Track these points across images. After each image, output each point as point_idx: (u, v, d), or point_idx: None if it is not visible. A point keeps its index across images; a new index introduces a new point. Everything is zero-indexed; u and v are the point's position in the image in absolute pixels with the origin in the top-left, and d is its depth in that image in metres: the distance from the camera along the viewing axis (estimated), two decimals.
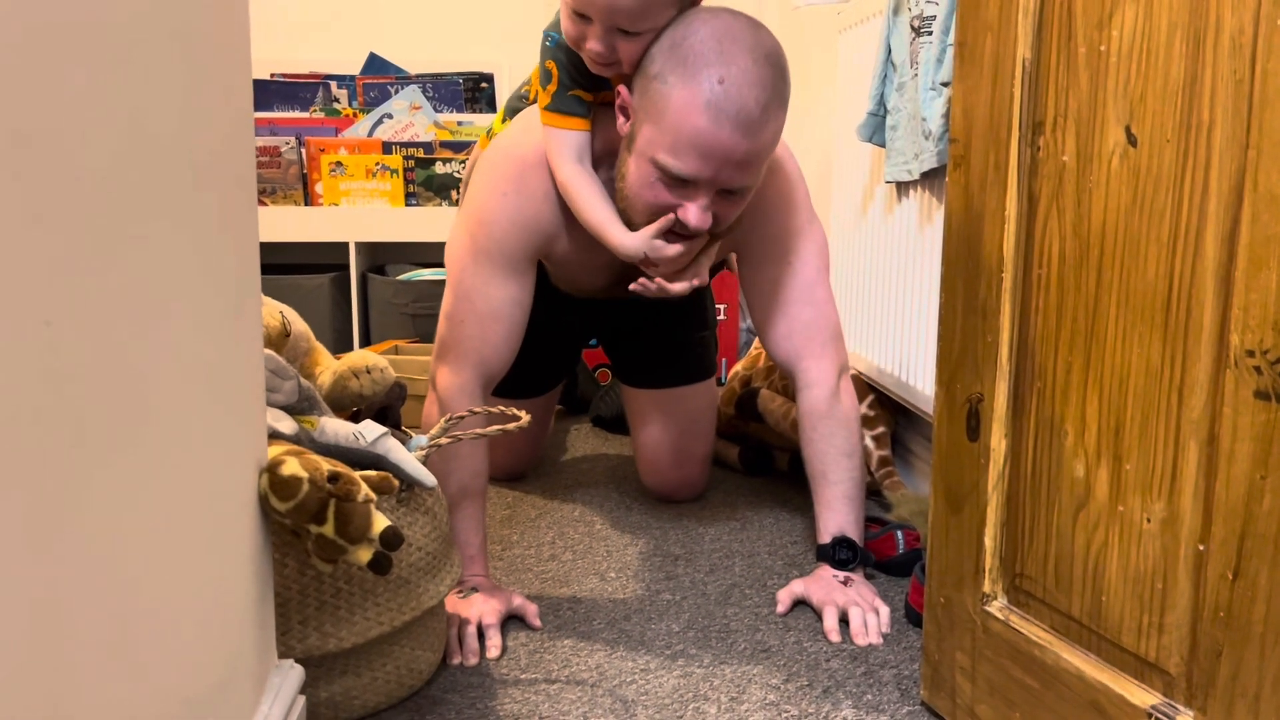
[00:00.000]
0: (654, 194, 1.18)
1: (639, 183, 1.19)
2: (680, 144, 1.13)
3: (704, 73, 1.12)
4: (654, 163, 1.16)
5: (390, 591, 1.00)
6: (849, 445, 1.35)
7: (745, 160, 1.15)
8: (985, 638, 0.94)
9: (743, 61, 1.12)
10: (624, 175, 1.22)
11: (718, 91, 1.11)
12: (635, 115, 1.19)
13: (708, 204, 1.18)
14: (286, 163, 2.57)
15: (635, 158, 1.19)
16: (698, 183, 1.16)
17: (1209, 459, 0.70)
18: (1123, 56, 0.75)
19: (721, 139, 1.12)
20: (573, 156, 1.26)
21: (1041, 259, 0.85)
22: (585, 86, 1.25)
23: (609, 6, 1.14)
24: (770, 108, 1.14)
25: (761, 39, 1.16)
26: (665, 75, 1.14)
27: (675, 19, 1.18)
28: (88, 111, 0.51)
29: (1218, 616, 0.70)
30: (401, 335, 2.48)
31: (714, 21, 1.15)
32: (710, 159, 1.14)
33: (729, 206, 1.21)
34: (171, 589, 0.63)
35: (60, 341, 0.48)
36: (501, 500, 1.71)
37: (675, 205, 1.18)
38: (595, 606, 1.29)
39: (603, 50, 1.18)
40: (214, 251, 0.70)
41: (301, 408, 1.03)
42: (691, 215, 1.17)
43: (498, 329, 1.31)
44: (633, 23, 1.15)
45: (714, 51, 1.12)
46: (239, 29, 0.75)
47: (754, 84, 1.12)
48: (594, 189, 1.25)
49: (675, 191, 1.17)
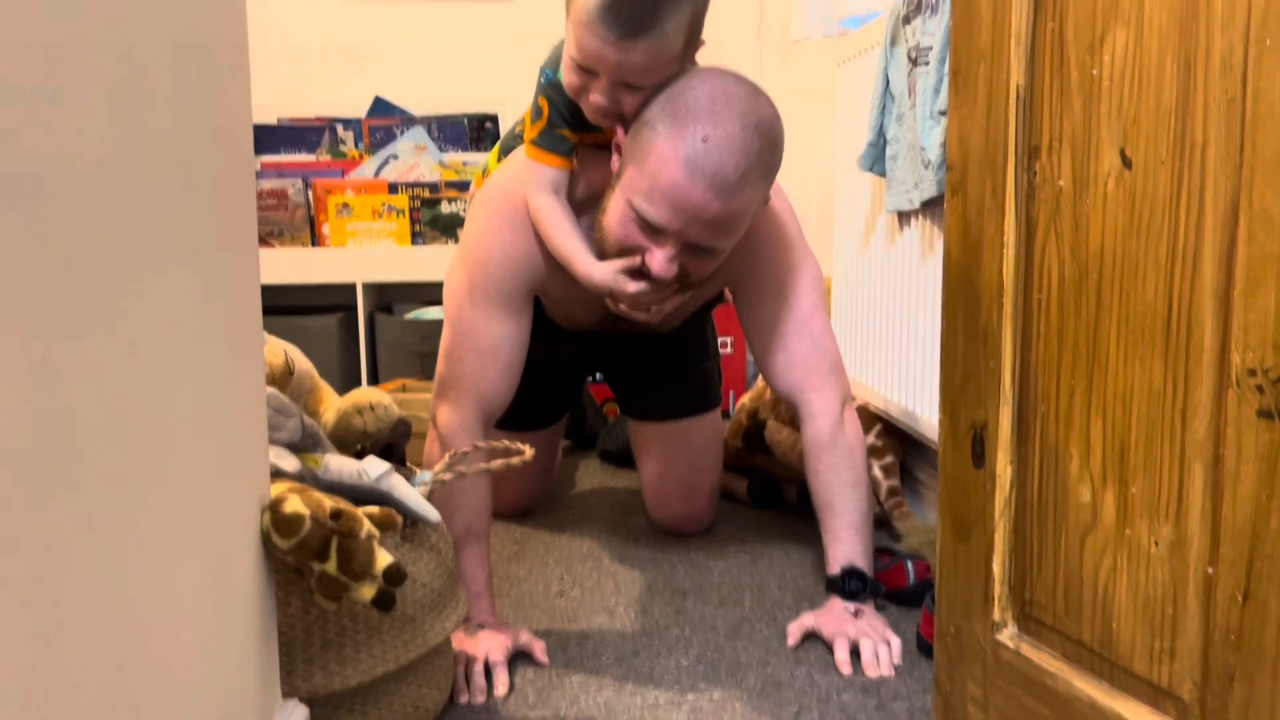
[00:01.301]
0: (625, 232, 1.20)
1: (614, 219, 1.21)
2: (655, 192, 1.15)
3: (691, 128, 1.13)
4: (630, 203, 1.18)
5: (395, 629, 0.99)
6: (854, 475, 1.34)
7: (716, 221, 1.16)
8: (996, 667, 0.93)
9: (731, 125, 1.13)
10: (604, 209, 1.24)
11: (699, 149, 1.13)
12: (624, 155, 1.21)
13: (674, 255, 1.19)
14: (294, 205, 2.59)
15: (616, 195, 1.21)
16: (666, 232, 1.17)
17: (1215, 480, 0.70)
18: (1115, 80, 0.75)
19: (694, 196, 1.14)
20: (548, 189, 1.28)
21: (1041, 283, 0.85)
22: (572, 127, 1.27)
23: (618, 65, 1.15)
24: (749, 175, 1.15)
25: (758, 107, 1.16)
26: (656, 123, 1.16)
27: (681, 74, 1.19)
28: (89, 152, 0.52)
29: (1229, 640, 0.69)
30: (409, 374, 2.49)
31: (715, 81, 1.17)
32: (680, 213, 1.15)
33: (698, 262, 1.22)
34: (174, 628, 0.62)
35: (60, 380, 0.48)
36: (509, 536, 1.71)
37: (644, 248, 1.19)
38: (603, 642, 1.28)
39: (606, 104, 1.19)
40: (215, 290, 0.71)
41: (305, 445, 1.03)
42: (655, 262, 1.19)
43: (496, 365, 1.32)
44: (640, 79, 1.17)
45: (705, 109, 1.14)
46: (239, 73, 0.76)
47: (737, 149, 1.13)
48: (564, 219, 1.27)
49: (646, 235, 1.19)
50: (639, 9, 1.11)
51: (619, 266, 1.22)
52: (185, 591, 0.65)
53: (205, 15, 0.69)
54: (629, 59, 1.14)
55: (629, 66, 1.15)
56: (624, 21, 1.11)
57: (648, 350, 1.64)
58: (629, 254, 1.21)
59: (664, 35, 1.13)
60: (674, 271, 1.20)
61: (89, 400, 0.52)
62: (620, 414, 2.21)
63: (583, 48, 1.16)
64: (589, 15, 1.12)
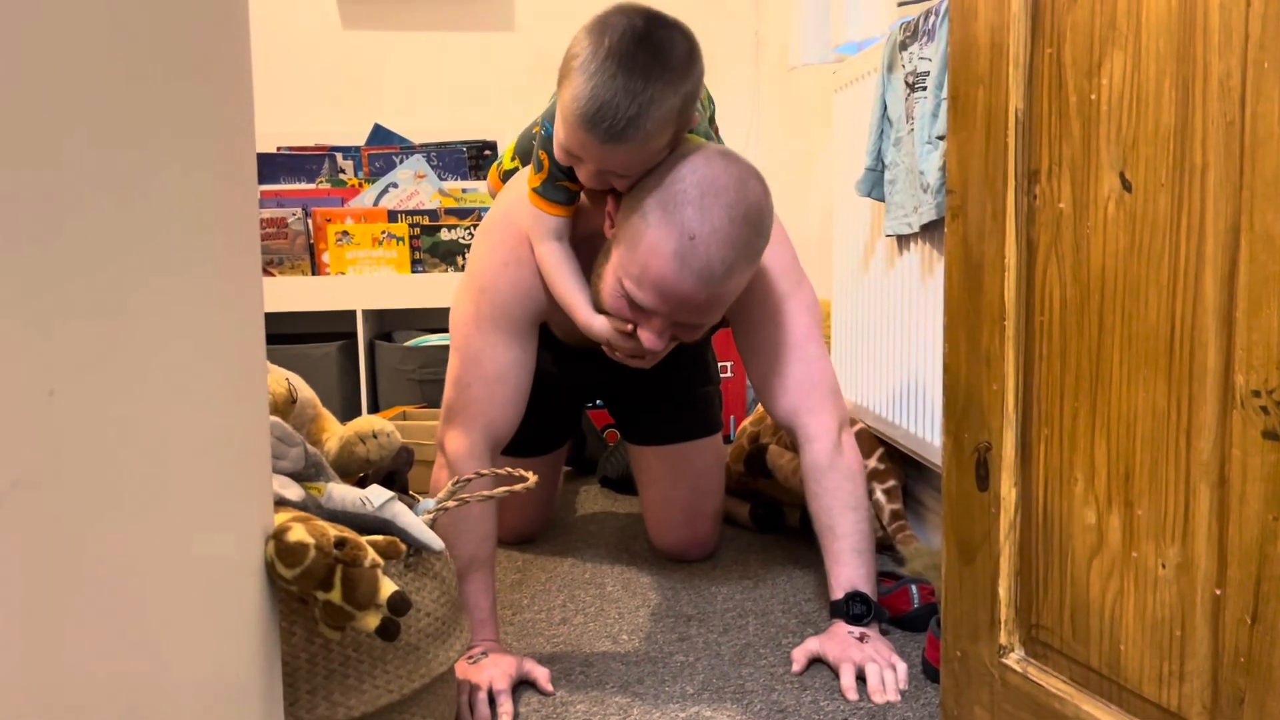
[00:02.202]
0: (617, 307, 1.23)
1: (607, 291, 1.24)
2: (645, 280, 1.17)
3: (680, 224, 1.15)
4: (620, 283, 1.21)
5: (399, 658, 0.98)
6: (854, 498, 1.34)
7: (703, 306, 1.20)
8: (1004, 691, 0.92)
9: (718, 220, 1.15)
10: (600, 275, 1.26)
11: (686, 246, 1.14)
12: (617, 229, 1.23)
13: (664, 330, 1.22)
14: (293, 233, 2.60)
15: (609, 269, 1.24)
16: (655, 313, 1.20)
17: (1221, 501, 0.70)
18: (1114, 104, 0.76)
19: (682, 289, 1.16)
20: (551, 236, 1.30)
21: (1043, 306, 0.85)
22: (572, 179, 1.28)
23: (603, 159, 1.17)
24: (735, 265, 1.18)
25: (745, 194, 1.17)
26: (647, 212, 1.17)
27: (676, 152, 1.20)
28: (93, 180, 0.52)
29: (1238, 662, 0.69)
30: (410, 401, 2.49)
31: (705, 170, 1.17)
32: (668, 301, 1.18)
33: (689, 332, 1.26)
34: (176, 657, 0.62)
35: (65, 408, 0.48)
36: (511, 564, 1.70)
37: (634, 321, 1.23)
38: (608, 670, 1.27)
39: (593, 185, 1.23)
40: (219, 318, 0.71)
41: (308, 474, 1.03)
42: (645, 338, 1.23)
43: (503, 391, 1.33)
44: (625, 170, 1.19)
45: (694, 205, 1.15)
46: (243, 100, 0.77)
47: (723, 243, 1.15)
48: (567, 267, 1.30)
49: (634, 312, 1.22)
50: (620, 117, 1.11)
51: (617, 325, 1.25)
52: (188, 621, 0.64)
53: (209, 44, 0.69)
54: (613, 157, 1.16)
55: (613, 162, 1.17)
56: (605, 129, 1.12)
57: (649, 374, 1.65)
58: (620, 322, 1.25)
59: (647, 138, 1.14)
60: (663, 344, 1.24)
61: (92, 428, 0.52)
62: (620, 439, 2.21)
63: (570, 138, 1.18)
64: (574, 117, 1.14)
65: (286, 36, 2.84)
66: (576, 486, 2.22)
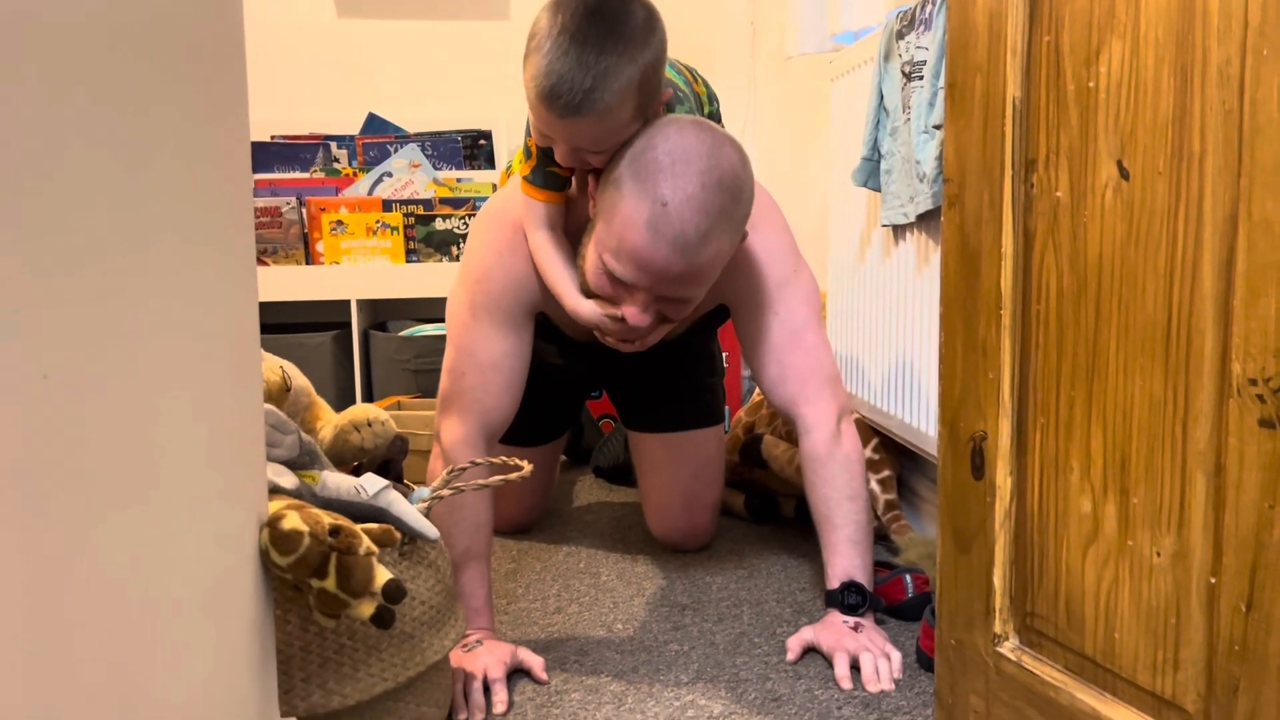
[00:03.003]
0: (600, 284, 1.23)
1: (590, 270, 1.24)
2: (622, 252, 1.17)
3: (652, 191, 1.14)
4: (601, 258, 1.20)
5: (394, 647, 0.98)
6: (852, 488, 1.34)
7: (682, 277, 1.18)
8: (999, 680, 0.92)
9: (690, 186, 1.14)
10: (583, 255, 1.27)
11: (659, 213, 1.14)
12: (597, 205, 1.23)
13: (647, 304, 1.22)
14: (287, 223, 2.59)
15: (591, 245, 1.24)
16: (637, 288, 1.20)
17: (1217, 490, 0.70)
18: (1111, 92, 0.76)
19: (657, 258, 1.15)
20: (543, 224, 1.30)
21: (1040, 295, 0.85)
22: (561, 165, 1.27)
23: (569, 136, 1.17)
24: (712, 232, 1.16)
25: (719, 161, 1.16)
26: (621, 183, 1.17)
27: (651, 125, 1.20)
28: (86, 168, 0.52)
29: (1233, 650, 0.69)
30: (404, 391, 2.48)
31: (677, 139, 1.16)
32: (646, 272, 1.17)
33: (674, 307, 1.25)
34: (171, 645, 0.62)
35: (58, 395, 0.48)
36: (506, 553, 1.70)
37: (618, 299, 1.23)
38: (602, 659, 1.28)
39: (570, 163, 1.22)
40: (213, 306, 0.71)
41: (303, 462, 1.02)
42: (629, 314, 1.22)
43: (498, 380, 1.33)
44: (594, 146, 1.19)
45: (666, 171, 1.14)
46: (237, 88, 0.76)
47: (696, 210, 1.14)
48: (557, 254, 1.30)
49: (617, 288, 1.22)
50: (576, 91, 1.11)
51: (603, 309, 1.25)
52: (182, 609, 0.64)
53: (204, 32, 0.69)
54: (577, 132, 1.16)
55: (579, 137, 1.17)
56: (563, 104, 1.12)
57: (653, 363, 1.65)
58: (607, 302, 1.24)
59: (606, 110, 1.13)
60: (647, 321, 1.23)
61: (86, 416, 0.51)
62: (615, 428, 2.20)
63: (536, 118, 1.19)
64: (533, 95, 1.15)
65: (281, 24, 2.82)
66: (572, 476, 2.22)
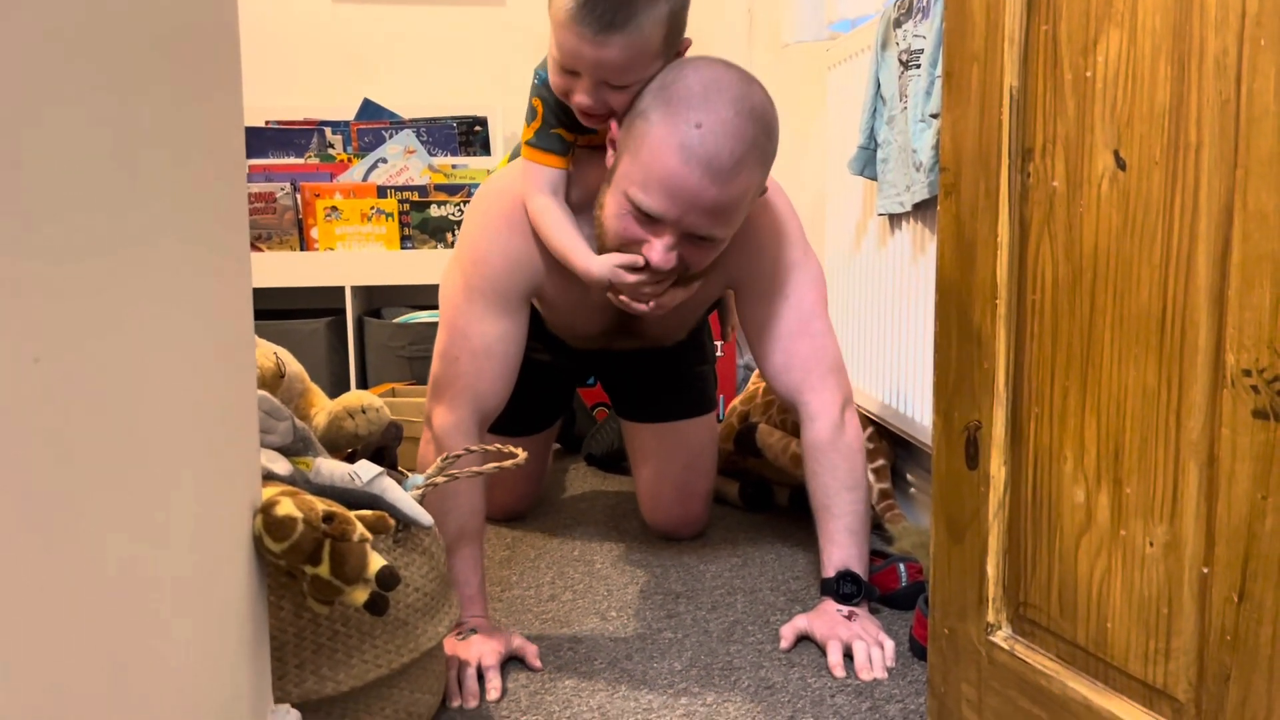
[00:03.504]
0: (624, 226, 1.19)
1: (612, 213, 1.21)
2: (650, 181, 1.15)
3: (684, 115, 1.13)
4: (626, 195, 1.17)
5: (388, 633, 0.98)
6: (853, 478, 1.34)
7: (712, 208, 1.16)
8: (991, 669, 0.93)
9: (724, 111, 1.13)
10: (601, 205, 1.24)
11: (693, 135, 1.12)
12: (619, 148, 1.21)
13: (673, 244, 1.18)
14: (282, 208, 2.58)
15: (612, 189, 1.21)
16: (664, 221, 1.17)
17: (1209, 480, 0.70)
18: (1108, 81, 0.76)
19: (689, 182, 1.13)
20: (546, 189, 1.27)
21: (1035, 284, 0.85)
22: (567, 126, 1.27)
23: (596, 62, 1.15)
24: (745, 160, 1.15)
25: (751, 93, 1.16)
26: (649, 113, 1.16)
27: (671, 64, 1.20)
28: (78, 148, 0.51)
29: (1225, 640, 0.69)
30: (399, 378, 2.48)
31: (707, 70, 1.17)
32: (676, 200, 1.15)
33: (697, 252, 1.22)
34: (163, 632, 0.62)
35: (50, 379, 0.48)
36: (500, 541, 1.70)
37: (643, 240, 1.19)
38: (596, 646, 1.28)
39: (591, 103, 1.20)
40: (207, 292, 0.70)
41: (296, 449, 1.02)
42: (655, 253, 1.18)
43: (491, 366, 1.31)
44: (620, 77, 1.17)
45: (699, 97, 1.14)
46: (230, 70, 0.76)
47: (731, 134, 1.13)
48: (562, 217, 1.27)
49: (644, 227, 1.18)
50: (614, 4, 1.11)
51: (617, 261, 1.21)
52: (175, 595, 0.64)
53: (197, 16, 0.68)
54: (606, 55, 1.14)
55: (607, 63, 1.15)
56: (599, 16, 1.12)
57: (645, 354, 1.65)
58: (628, 248, 1.21)
59: (640, 30, 1.13)
60: (673, 262, 1.19)
61: (78, 402, 0.51)
62: (608, 416, 2.20)
63: (562, 46, 1.17)
64: (566, 13, 1.13)
65: (276, 9, 2.81)
66: (565, 464, 2.22)
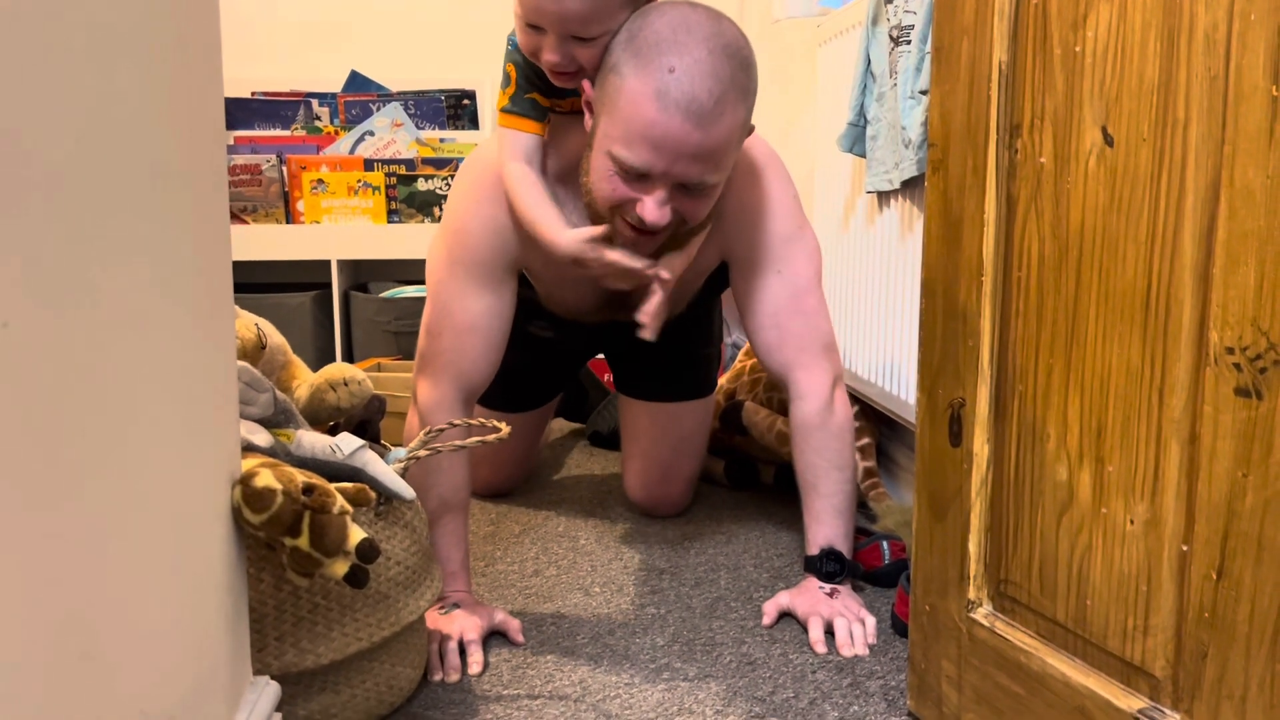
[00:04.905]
0: (612, 187, 1.16)
1: (598, 177, 1.17)
2: (632, 135, 1.11)
3: (656, 62, 1.10)
4: (610, 155, 1.14)
5: (369, 607, 0.98)
6: (841, 458, 1.34)
7: (699, 153, 1.12)
8: (971, 645, 0.93)
9: (697, 52, 1.10)
10: (586, 171, 1.21)
11: (667, 80, 1.09)
12: (595, 109, 1.18)
13: (665, 198, 1.15)
14: (268, 180, 2.56)
15: (594, 151, 1.18)
16: (652, 175, 1.14)
17: (1191, 458, 0.70)
18: (1098, 57, 0.75)
19: (671, 129, 1.10)
20: (520, 155, 1.24)
21: (1021, 261, 0.85)
22: (542, 91, 1.24)
23: (559, 14, 1.12)
24: (725, 99, 1.11)
25: (722, 29, 1.13)
26: (620, 66, 1.12)
27: (636, 13, 1.16)
28: (53, 114, 0.50)
29: (1203, 617, 0.69)
30: (385, 353, 2.47)
31: (672, 13, 1.13)
32: (661, 150, 1.11)
33: (692, 203, 1.18)
34: (141, 602, 0.61)
35: (26, 353, 0.47)
36: (485, 516, 1.70)
37: (634, 199, 1.16)
38: (579, 622, 1.28)
39: (559, 59, 1.16)
40: (185, 260, 0.69)
41: (277, 420, 1.01)
42: (648, 210, 1.15)
43: (475, 341, 1.30)
44: (585, 28, 1.14)
45: (668, 41, 1.10)
46: (210, 38, 0.74)
47: (707, 74, 1.10)
48: (533, 186, 1.23)
49: (632, 185, 1.15)
50: None
51: (586, 235, 1.18)
52: (154, 566, 0.64)
53: None
54: (567, 8, 1.11)
55: (570, 14, 1.12)
56: None
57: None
58: (620, 209, 1.17)
59: None
60: (668, 217, 1.16)
61: (55, 373, 0.50)
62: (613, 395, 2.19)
63: (524, 2, 1.14)
64: None
65: None
66: (553, 442, 2.22)
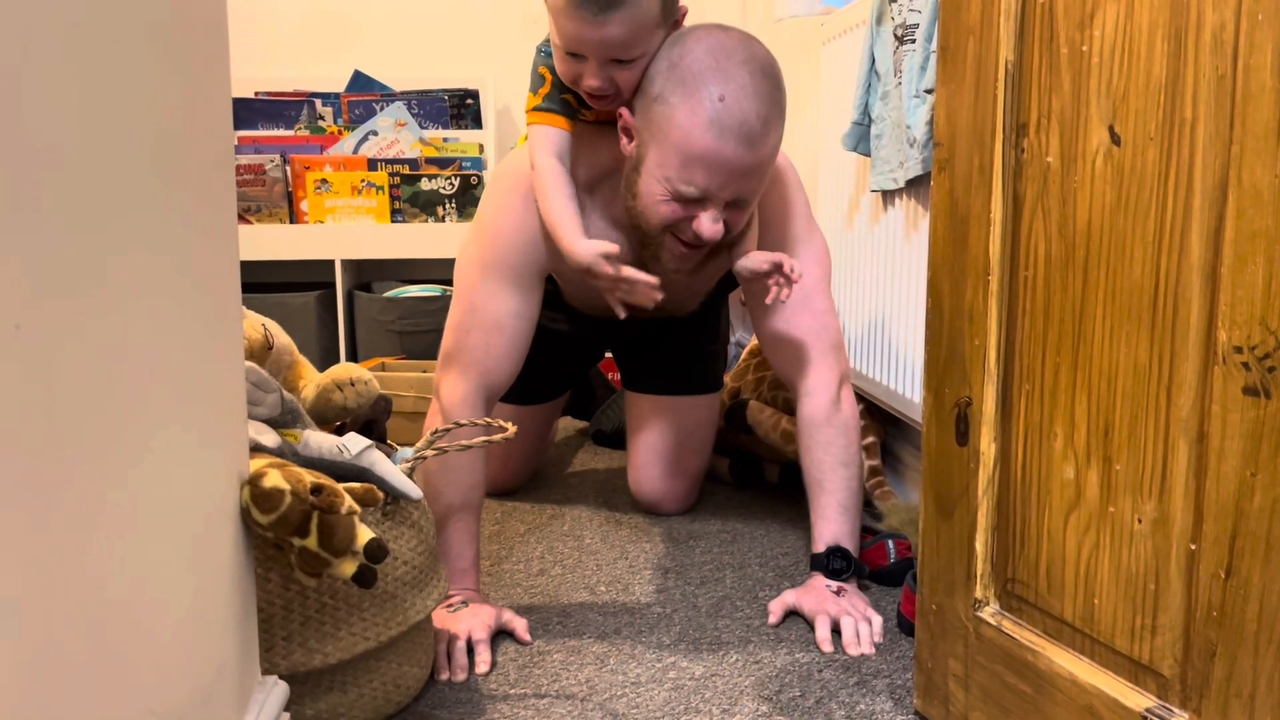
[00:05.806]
0: (669, 210, 1.21)
1: (651, 201, 1.22)
2: (690, 162, 1.17)
3: (704, 91, 1.15)
4: (665, 183, 1.19)
5: (376, 606, 0.98)
6: (847, 455, 1.34)
7: (751, 171, 1.19)
8: (978, 644, 0.93)
9: (741, 77, 1.16)
10: (636, 194, 1.25)
11: (719, 109, 1.15)
12: (639, 136, 1.22)
13: (719, 215, 1.21)
14: (272, 180, 2.56)
15: (645, 178, 1.22)
16: (707, 197, 1.19)
17: (1199, 457, 0.70)
18: (1105, 56, 0.75)
19: (726, 154, 1.16)
20: (551, 150, 1.27)
21: (1027, 261, 0.85)
22: (576, 94, 1.26)
23: (600, 41, 1.16)
24: (770, 119, 1.18)
25: (755, 52, 1.19)
26: (666, 96, 1.17)
27: (669, 39, 1.21)
28: (64, 117, 0.50)
29: (1211, 616, 0.69)
30: (389, 353, 2.47)
31: (708, 39, 1.18)
32: (718, 174, 1.17)
33: (736, 214, 1.24)
34: (150, 603, 0.61)
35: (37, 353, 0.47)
36: (490, 515, 1.70)
37: (689, 218, 1.21)
38: (585, 620, 1.28)
39: (601, 84, 1.20)
40: (194, 261, 0.69)
41: (284, 421, 1.02)
42: (705, 227, 1.21)
43: (501, 341, 1.32)
44: (626, 52, 1.18)
45: (711, 69, 1.15)
46: (218, 38, 0.75)
47: (753, 97, 1.16)
48: (560, 185, 1.26)
49: (687, 207, 1.21)
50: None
51: (601, 250, 1.20)
52: (163, 567, 0.64)
53: None
54: (609, 34, 1.15)
55: (611, 42, 1.16)
56: (595, 2, 1.13)
57: (661, 330, 1.65)
58: (676, 229, 1.23)
59: (638, 5, 1.15)
60: (721, 231, 1.22)
61: (65, 374, 0.50)
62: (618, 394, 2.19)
63: (564, 33, 1.18)
64: (563, 3, 1.15)
65: None
66: (560, 440, 2.22)
